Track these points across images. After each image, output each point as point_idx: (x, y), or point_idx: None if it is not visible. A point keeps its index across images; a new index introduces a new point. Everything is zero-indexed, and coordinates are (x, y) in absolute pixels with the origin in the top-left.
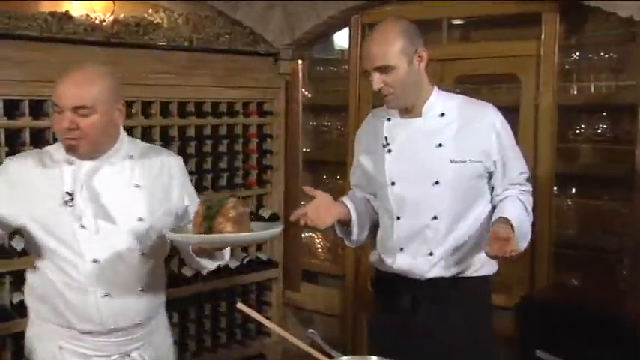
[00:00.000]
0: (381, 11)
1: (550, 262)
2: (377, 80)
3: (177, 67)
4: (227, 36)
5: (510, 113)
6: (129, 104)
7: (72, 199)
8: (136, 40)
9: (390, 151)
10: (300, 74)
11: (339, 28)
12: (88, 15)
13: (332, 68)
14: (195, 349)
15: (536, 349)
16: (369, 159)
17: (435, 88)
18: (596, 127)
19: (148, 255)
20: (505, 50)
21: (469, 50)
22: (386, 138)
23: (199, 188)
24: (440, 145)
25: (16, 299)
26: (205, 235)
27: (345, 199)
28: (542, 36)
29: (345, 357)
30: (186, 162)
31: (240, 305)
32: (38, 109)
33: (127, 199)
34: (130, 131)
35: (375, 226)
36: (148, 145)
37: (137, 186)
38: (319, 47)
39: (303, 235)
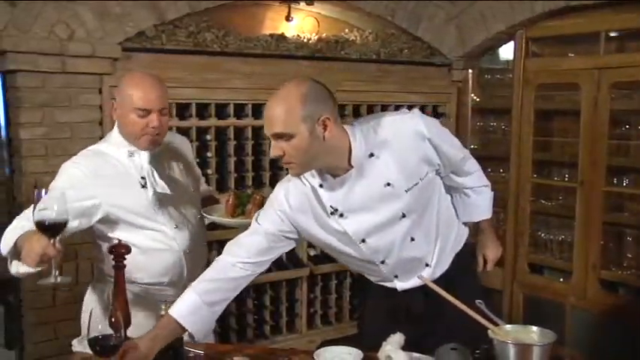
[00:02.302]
0: (542, 26)
1: None
2: (275, 147)
3: (368, 76)
4: (408, 50)
5: None
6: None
7: (146, 183)
8: (334, 54)
9: (342, 215)
10: (470, 82)
11: (505, 42)
12: (298, 35)
13: (498, 76)
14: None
15: None
16: (316, 230)
17: (350, 134)
18: None
19: (202, 218)
20: None
21: (625, 59)
22: (331, 206)
23: None
24: (388, 184)
25: None
26: (239, 220)
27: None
28: None
29: (508, 325)
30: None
31: (420, 276)
32: (258, 111)
33: (183, 177)
34: None
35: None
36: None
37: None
38: (487, 58)
39: None
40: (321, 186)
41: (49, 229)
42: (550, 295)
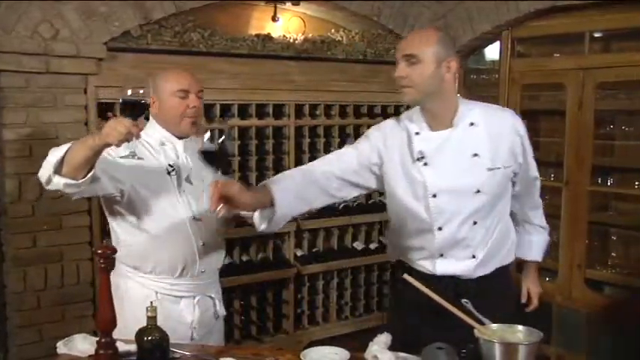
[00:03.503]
0: (528, 26)
1: None
2: (401, 68)
3: (354, 76)
4: (395, 50)
5: None
6: (314, 107)
7: (173, 170)
8: (321, 54)
9: (426, 164)
10: (457, 82)
11: (492, 42)
12: (284, 35)
13: (484, 76)
14: (363, 311)
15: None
16: (396, 171)
17: (460, 98)
18: None
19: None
20: None
21: (609, 60)
22: (420, 152)
23: None
24: (476, 154)
25: None
26: None
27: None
28: None
29: (494, 325)
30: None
31: (406, 276)
32: (245, 111)
33: (211, 172)
34: (306, 128)
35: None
36: None
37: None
38: (473, 58)
39: None
40: (417, 133)
41: (134, 106)
42: None
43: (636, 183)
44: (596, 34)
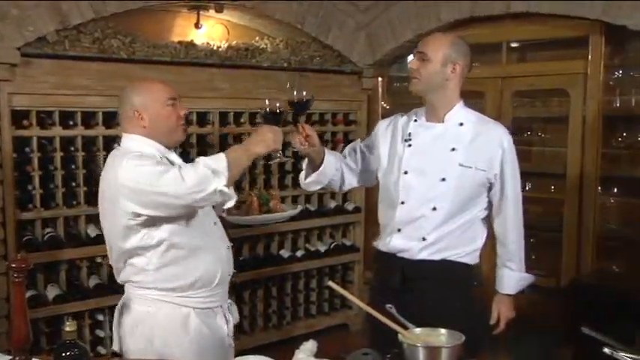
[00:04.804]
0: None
1: (594, 250)
2: (413, 61)
3: (279, 83)
4: (319, 58)
5: (561, 123)
6: (239, 115)
7: None
8: (245, 62)
9: (410, 145)
10: (380, 89)
11: (414, 50)
12: (207, 42)
13: (407, 84)
14: (290, 319)
15: (582, 326)
16: (385, 147)
17: (461, 102)
18: (638, 135)
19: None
20: (556, 69)
21: (525, 69)
22: (409, 134)
23: (296, 184)
24: (453, 149)
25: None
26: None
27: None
28: (590, 56)
29: (418, 329)
30: (283, 164)
31: (330, 283)
32: None
33: None
34: (231, 137)
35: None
36: None
37: None
38: (396, 66)
39: None
40: (415, 121)
41: (278, 115)
42: None
43: (552, 187)
44: (513, 45)
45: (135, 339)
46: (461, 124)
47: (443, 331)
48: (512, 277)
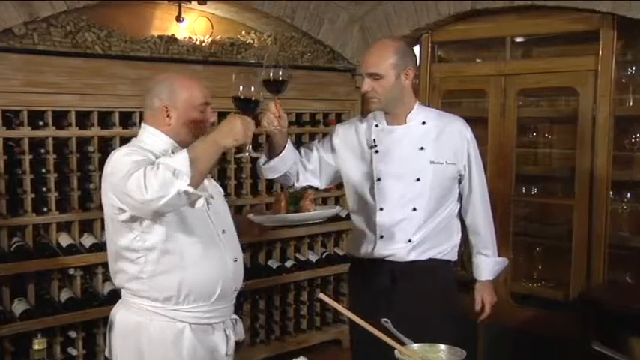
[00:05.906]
0: (449, 30)
1: (605, 260)
2: (366, 84)
3: None
4: (310, 54)
5: (569, 123)
6: (223, 115)
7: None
8: (230, 58)
9: (377, 152)
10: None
11: (411, 46)
12: (190, 37)
13: None
14: (279, 334)
15: (593, 341)
16: (351, 157)
17: (417, 102)
18: None
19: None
20: (564, 65)
21: (531, 65)
22: (374, 140)
23: None
24: (422, 148)
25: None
26: (300, 214)
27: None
28: (600, 52)
29: (415, 344)
30: None
31: (322, 295)
32: None
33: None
34: None
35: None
36: None
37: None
38: None
39: None
40: (376, 126)
41: (251, 104)
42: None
43: (559, 192)
44: (518, 40)
45: (126, 350)
46: (424, 123)
47: (442, 346)
48: (489, 262)
